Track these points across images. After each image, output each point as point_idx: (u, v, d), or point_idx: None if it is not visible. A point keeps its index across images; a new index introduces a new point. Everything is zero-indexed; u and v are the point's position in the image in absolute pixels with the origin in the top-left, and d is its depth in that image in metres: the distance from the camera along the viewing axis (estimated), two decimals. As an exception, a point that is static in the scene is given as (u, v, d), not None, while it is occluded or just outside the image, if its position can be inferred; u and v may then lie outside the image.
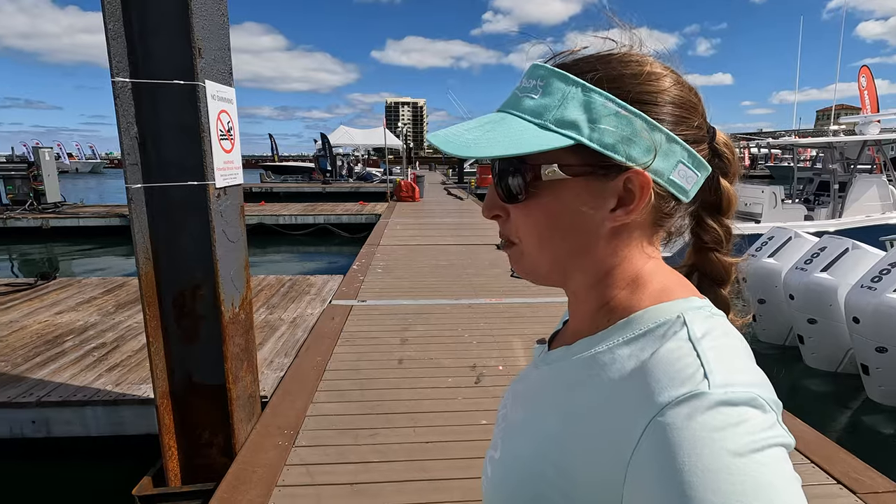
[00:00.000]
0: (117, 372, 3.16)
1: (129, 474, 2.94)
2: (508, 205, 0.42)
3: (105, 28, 1.90)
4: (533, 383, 0.48)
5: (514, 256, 0.45)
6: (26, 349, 3.52)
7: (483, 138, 0.38)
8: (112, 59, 1.93)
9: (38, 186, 12.26)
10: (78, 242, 11.18)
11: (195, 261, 2.22)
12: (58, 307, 4.52)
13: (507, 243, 0.44)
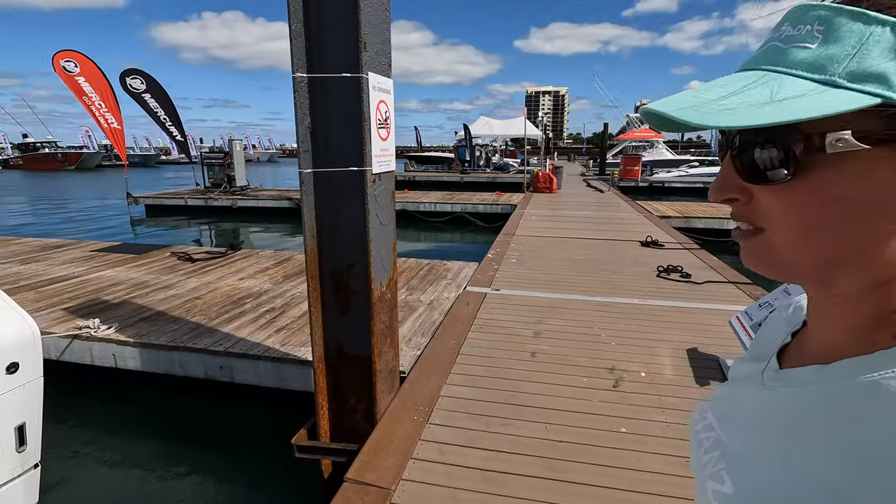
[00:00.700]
0: (283, 334, 3.63)
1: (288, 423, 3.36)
2: (755, 185, 0.33)
3: (289, 29, 2.13)
4: (762, 407, 0.38)
5: (758, 247, 0.35)
6: (218, 307, 4.23)
7: (738, 103, 0.30)
8: (293, 57, 2.16)
9: (230, 173, 14.67)
10: (257, 220, 13.13)
11: (351, 241, 2.42)
12: (240, 274, 5.34)
13: (748, 231, 0.35)
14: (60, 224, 13.58)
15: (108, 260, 5.97)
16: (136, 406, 3.67)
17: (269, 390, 3.32)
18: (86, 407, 3.58)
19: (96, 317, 3.78)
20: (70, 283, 4.97)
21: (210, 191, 14.64)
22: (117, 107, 13.71)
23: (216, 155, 15.43)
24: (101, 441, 3.29)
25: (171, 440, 3.34)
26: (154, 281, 5.03)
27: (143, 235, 11.91)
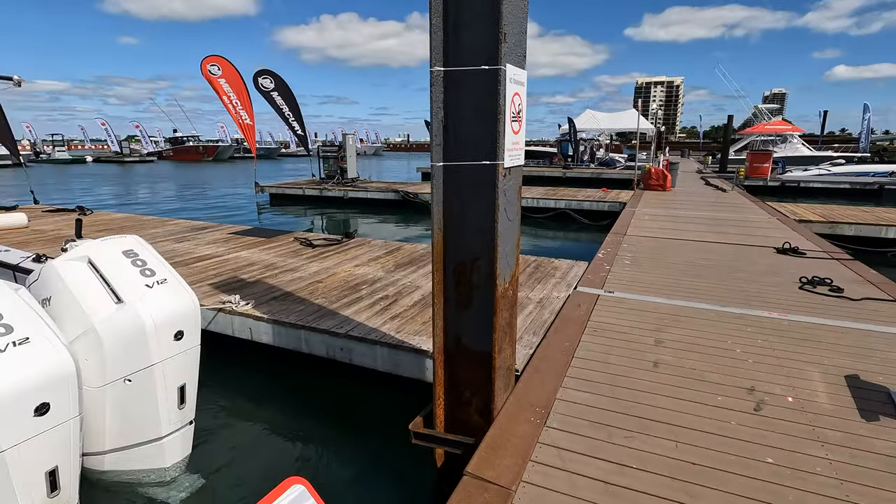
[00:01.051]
0: (397, 322, 3.76)
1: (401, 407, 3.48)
2: None
3: (429, 23, 2.16)
4: None
5: None
6: (337, 291, 4.50)
7: None
8: (432, 51, 2.19)
9: (343, 165, 15.62)
10: (365, 211, 13.86)
11: (476, 235, 2.40)
12: (355, 261, 5.64)
13: None
14: (202, 208, 15.45)
15: (243, 242, 6.66)
16: (268, 376, 4.05)
17: (384, 374, 3.47)
18: (228, 374, 4.01)
19: (237, 293, 4.22)
20: (213, 261, 5.61)
21: (324, 182, 15.73)
22: (250, 104, 15.23)
23: (331, 148, 16.52)
24: (238, 405, 3.67)
25: (297, 411, 3.62)
26: (281, 263, 5.49)
27: (268, 221, 13.12)
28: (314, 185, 15.50)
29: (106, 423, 2.60)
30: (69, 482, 2.25)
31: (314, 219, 13.55)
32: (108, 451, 2.70)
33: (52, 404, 2.09)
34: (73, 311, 2.44)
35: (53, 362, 2.10)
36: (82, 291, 2.46)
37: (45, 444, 2.11)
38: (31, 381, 2.01)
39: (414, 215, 13.32)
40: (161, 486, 2.79)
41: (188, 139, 49.09)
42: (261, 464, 3.09)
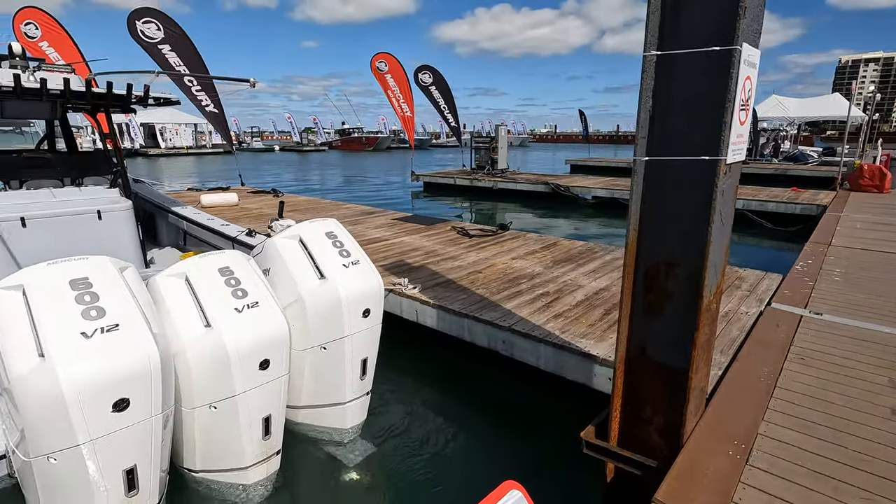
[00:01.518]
0: (561, 321, 3.63)
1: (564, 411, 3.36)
2: None
3: (648, 4, 1.96)
4: None
5: None
6: (497, 283, 4.52)
7: None
8: (647, 34, 1.99)
9: (494, 156, 15.78)
10: (513, 202, 13.83)
11: (678, 238, 2.15)
12: (512, 254, 5.62)
13: None
14: (365, 194, 16.98)
15: (405, 228, 7.11)
16: (430, 359, 4.24)
17: (546, 373, 3.38)
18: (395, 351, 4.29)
19: (405, 276, 4.49)
20: (381, 244, 6.08)
21: (475, 172, 16.09)
22: (411, 98, 16.22)
23: (483, 139, 16.80)
24: (404, 382, 3.91)
25: (458, 396, 3.74)
26: (441, 251, 5.72)
27: (421, 208, 13.87)
28: (465, 174, 15.94)
29: (303, 382, 2.96)
30: (277, 430, 2.59)
31: (464, 207, 13.95)
32: (303, 407, 3.07)
33: (272, 362, 2.42)
34: (286, 282, 2.80)
35: (275, 325, 2.42)
36: (295, 266, 2.81)
37: (264, 394, 2.45)
38: (260, 340, 2.35)
39: (563, 208, 12.90)
40: (339, 446, 3.09)
41: (353, 131, 54.42)
42: (422, 440, 3.24)
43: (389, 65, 16.03)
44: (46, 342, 1.80)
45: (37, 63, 4.12)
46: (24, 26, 9.91)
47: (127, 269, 2.18)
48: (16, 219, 3.81)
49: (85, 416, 1.82)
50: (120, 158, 4.66)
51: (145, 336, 1.96)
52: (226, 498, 2.59)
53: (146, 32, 10.03)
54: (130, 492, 2.04)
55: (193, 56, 10.55)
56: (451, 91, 17.17)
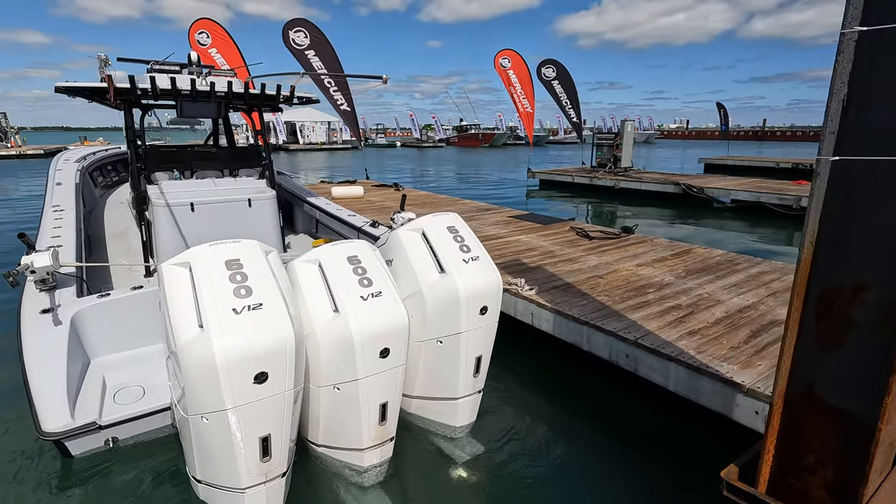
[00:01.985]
0: (697, 339, 3.24)
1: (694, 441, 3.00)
2: None
3: (852, -32, 1.60)
4: None
5: None
6: (620, 291, 4.20)
7: None
8: (850, 6, 1.63)
9: (617, 154, 14.87)
10: (637, 203, 12.90)
11: (867, 256, 1.76)
12: (637, 260, 5.19)
13: None
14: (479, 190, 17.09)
15: (521, 226, 6.97)
16: (544, 364, 4.07)
17: (676, 397, 3.04)
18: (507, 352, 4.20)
19: (521, 277, 4.37)
20: (497, 241, 6.02)
21: (595, 170, 15.32)
22: (533, 94, 15.91)
23: (607, 135, 15.92)
24: (516, 386, 3.80)
25: (573, 408, 3.52)
26: (559, 252, 5.49)
27: (536, 206, 13.57)
28: (584, 172, 15.26)
29: (418, 372, 3.00)
30: (392, 417, 2.66)
31: (581, 207, 13.36)
32: (416, 397, 3.13)
33: (391, 350, 2.47)
34: (407, 274, 2.85)
35: (396, 316, 2.47)
36: (416, 258, 2.85)
37: (383, 381, 2.51)
38: (381, 329, 2.41)
39: (695, 212, 11.72)
40: (449, 441, 3.09)
41: (470, 127, 55.19)
42: (532, 449, 3.10)
43: (513, 61, 15.90)
44: (206, 314, 2.01)
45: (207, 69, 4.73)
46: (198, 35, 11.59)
47: (271, 252, 2.36)
48: (186, 204, 4.42)
49: (232, 385, 2.01)
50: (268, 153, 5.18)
51: (284, 317, 2.10)
52: (342, 476, 2.72)
53: (296, 40, 11.27)
54: (264, 457, 2.21)
55: (332, 59, 11.56)
56: (574, 85, 16.54)
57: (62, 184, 5.36)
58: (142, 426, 2.79)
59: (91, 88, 4.06)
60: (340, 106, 12.41)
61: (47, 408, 2.57)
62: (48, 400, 2.60)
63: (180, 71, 4.59)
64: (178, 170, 4.92)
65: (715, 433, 2.82)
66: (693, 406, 2.94)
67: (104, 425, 2.65)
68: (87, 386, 2.89)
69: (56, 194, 5.06)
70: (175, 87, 3.96)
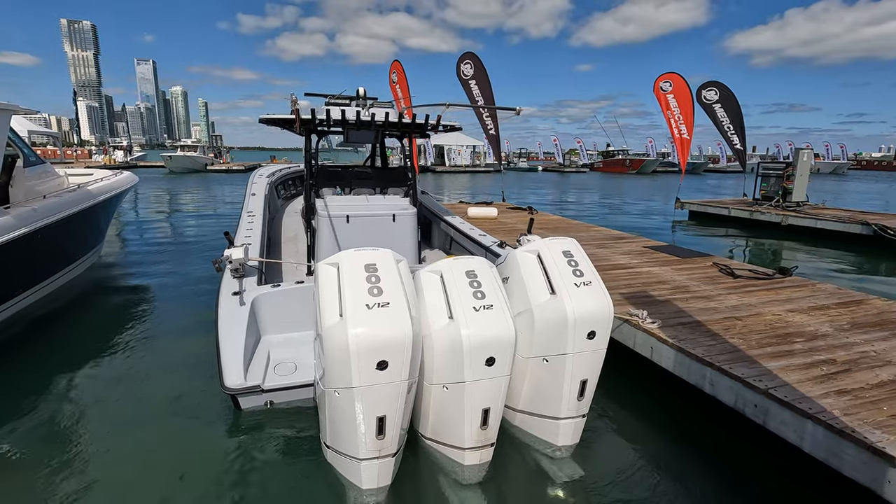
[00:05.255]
0: (846, 399, 2.84)
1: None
2: None
3: None
4: None
5: None
6: (759, 336, 3.81)
7: None
8: None
9: (788, 185, 13.06)
10: (812, 243, 11.16)
11: None
12: (790, 304, 4.61)
13: None
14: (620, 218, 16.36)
15: (656, 258, 6.62)
16: (660, 402, 3.86)
17: (811, 459, 2.70)
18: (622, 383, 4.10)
19: (644, 309, 4.22)
20: (626, 272, 5.83)
21: (759, 203, 13.63)
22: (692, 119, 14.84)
23: (776, 165, 14.10)
24: (626, 419, 3.68)
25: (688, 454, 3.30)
26: (694, 288, 5.13)
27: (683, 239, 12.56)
28: (744, 205, 13.68)
29: (524, 387, 3.14)
30: (494, 423, 2.84)
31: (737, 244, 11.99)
32: (520, 411, 3.26)
33: (497, 360, 2.67)
34: (520, 292, 3.04)
35: (503, 329, 2.66)
36: (529, 278, 3.02)
37: (486, 388, 2.72)
38: (488, 339, 2.63)
39: (891, 257, 9.75)
40: (549, 459, 3.15)
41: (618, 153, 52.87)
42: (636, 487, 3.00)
43: (674, 84, 15.06)
44: (345, 306, 2.45)
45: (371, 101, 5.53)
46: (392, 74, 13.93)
47: (401, 261, 2.75)
48: (344, 216, 5.19)
49: (360, 367, 2.40)
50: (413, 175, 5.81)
51: (405, 316, 2.45)
52: (445, 471, 2.97)
53: (465, 71, 12.96)
54: (379, 435, 2.57)
55: (487, 87, 12.74)
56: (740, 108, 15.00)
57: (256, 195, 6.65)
58: (292, 395, 3.40)
59: (283, 120, 5.05)
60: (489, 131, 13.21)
61: (229, 369, 3.30)
62: (230, 363, 3.34)
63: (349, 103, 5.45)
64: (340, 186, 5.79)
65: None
66: (832, 473, 2.58)
67: (266, 389, 3.29)
68: (258, 356, 3.61)
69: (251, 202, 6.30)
70: (344, 118, 4.74)
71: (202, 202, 19.04)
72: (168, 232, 12.00)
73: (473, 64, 12.78)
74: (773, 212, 12.54)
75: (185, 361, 4.44)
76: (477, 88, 12.88)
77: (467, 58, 12.83)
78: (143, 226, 12.90)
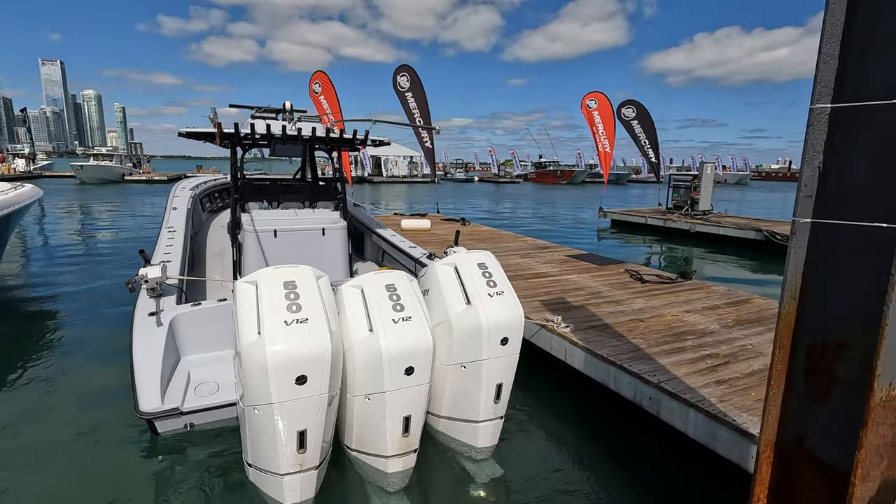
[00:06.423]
0: (723, 388, 3.24)
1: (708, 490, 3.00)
2: None
3: (818, 52, 1.79)
4: None
5: None
6: (658, 335, 4.23)
7: None
8: (817, 85, 1.80)
9: (695, 196, 14.34)
10: (715, 249, 12.32)
11: (850, 316, 1.84)
12: (687, 306, 5.14)
13: None
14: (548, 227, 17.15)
15: (576, 266, 7.08)
16: (573, 400, 4.18)
17: (695, 444, 3.07)
18: (539, 385, 4.38)
19: (560, 314, 4.55)
20: (547, 279, 6.20)
21: (671, 212, 14.85)
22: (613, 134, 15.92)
23: (684, 176, 15.43)
24: (542, 418, 3.95)
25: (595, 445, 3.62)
26: (607, 293, 5.56)
27: (605, 246, 13.40)
28: (658, 214, 14.84)
29: (445, 394, 3.30)
30: (416, 430, 2.97)
31: (654, 251, 12.98)
32: (443, 417, 3.42)
33: (416, 369, 2.81)
34: (439, 303, 3.21)
35: (421, 339, 2.80)
36: (447, 290, 3.20)
37: (407, 396, 2.85)
38: (407, 349, 2.77)
39: (779, 262, 10.98)
40: (471, 461, 3.33)
41: (549, 164, 55.25)
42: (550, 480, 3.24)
43: (599, 102, 16.11)
44: (264, 323, 2.50)
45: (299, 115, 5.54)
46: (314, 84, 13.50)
47: (322, 277, 2.83)
48: (271, 231, 5.15)
49: (278, 383, 2.46)
50: (343, 189, 5.86)
51: (324, 331, 2.53)
52: (370, 480, 3.06)
53: (401, 83, 13.06)
54: (301, 449, 2.62)
55: (423, 100, 12.90)
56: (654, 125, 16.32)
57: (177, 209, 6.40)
58: (213, 416, 3.34)
59: (204, 133, 4.94)
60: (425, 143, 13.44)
61: (144, 392, 3.20)
62: (145, 386, 3.24)
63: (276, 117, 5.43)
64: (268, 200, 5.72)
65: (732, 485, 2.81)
66: (712, 454, 2.95)
67: (185, 411, 3.22)
68: (176, 378, 3.52)
69: (171, 217, 6.07)
70: (269, 133, 4.73)
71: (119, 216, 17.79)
72: (80, 250, 11.13)
73: (410, 77, 12.96)
74: (683, 220, 13.72)
75: (98, 389, 4.21)
76: (413, 101, 13.07)
77: (403, 70, 13.02)
78: (51, 243, 11.88)
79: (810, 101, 1.84)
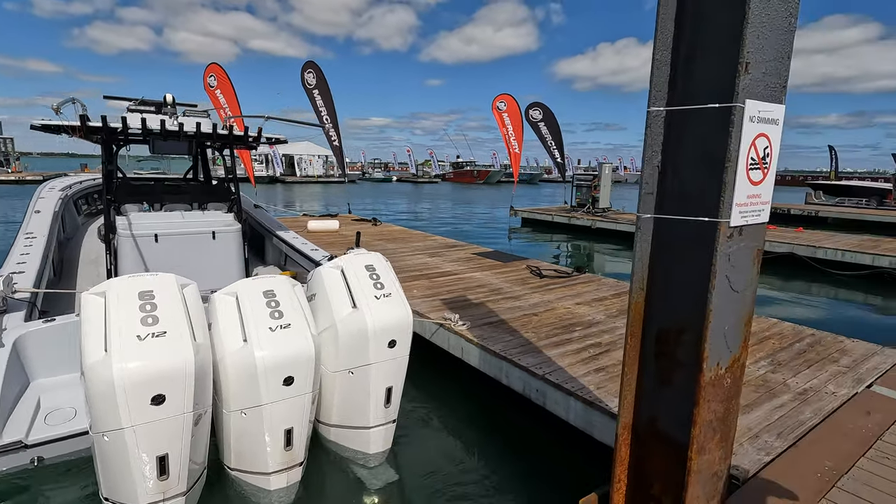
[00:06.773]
0: (601, 376, 3.44)
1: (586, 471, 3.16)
2: None
3: (652, 59, 1.92)
4: None
5: None
6: (549, 328, 4.41)
7: None
8: (652, 89, 1.94)
9: (595, 194, 15.31)
10: (612, 243, 13.22)
11: (686, 303, 2.00)
12: (578, 299, 5.43)
13: None
14: (462, 225, 17.45)
15: (481, 264, 7.22)
16: (470, 397, 4.23)
17: (576, 431, 3.22)
18: (438, 384, 4.39)
19: (458, 312, 4.59)
20: (451, 278, 6.26)
21: (574, 210, 15.73)
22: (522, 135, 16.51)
23: (585, 176, 16.42)
24: (439, 416, 3.96)
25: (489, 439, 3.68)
26: (507, 290, 5.72)
27: (515, 243, 13.88)
28: (563, 212, 15.66)
29: (334, 402, 3.18)
30: (299, 442, 2.83)
31: (560, 246, 13.66)
32: (333, 426, 3.29)
33: (296, 379, 2.67)
34: (325, 308, 3.08)
35: (301, 346, 2.66)
36: (333, 293, 3.08)
37: (287, 408, 2.70)
38: (285, 358, 2.62)
39: (666, 254, 12.01)
40: (364, 468, 3.24)
41: (466, 164, 56.37)
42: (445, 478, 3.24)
43: (508, 104, 16.60)
44: (111, 340, 2.23)
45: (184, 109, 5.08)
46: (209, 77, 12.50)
47: (188, 286, 2.59)
48: (150, 235, 4.68)
49: (129, 405, 2.20)
50: (237, 188, 5.49)
51: (185, 344, 2.31)
52: (250, 499, 2.86)
53: (308, 80, 12.70)
54: (162, 476, 2.37)
55: (328, 97, 12.56)
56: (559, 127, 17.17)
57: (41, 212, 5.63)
58: (67, 447, 2.95)
59: (62, 127, 4.37)
60: (333, 142, 13.08)
61: None
62: None
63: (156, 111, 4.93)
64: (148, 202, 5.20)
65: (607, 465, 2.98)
66: (590, 438, 3.11)
67: (30, 444, 2.81)
68: (22, 405, 3.07)
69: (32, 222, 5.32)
70: (145, 128, 4.27)
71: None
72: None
73: (316, 74, 12.59)
74: (585, 217, 14.59)
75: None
76: (320, 98, 12.73)
77: (310, 67, 12.65)
78: None
79: (647, 103, 1.98)
